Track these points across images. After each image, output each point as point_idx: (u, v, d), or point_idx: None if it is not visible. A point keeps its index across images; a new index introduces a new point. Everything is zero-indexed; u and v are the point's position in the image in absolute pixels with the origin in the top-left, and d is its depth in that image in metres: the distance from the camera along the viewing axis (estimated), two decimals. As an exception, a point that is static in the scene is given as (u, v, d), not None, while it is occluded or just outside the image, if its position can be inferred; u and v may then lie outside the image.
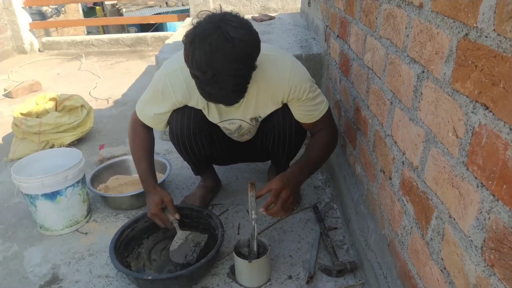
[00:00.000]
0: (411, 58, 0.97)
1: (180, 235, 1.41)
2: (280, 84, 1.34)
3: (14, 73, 3.86)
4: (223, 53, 1.06)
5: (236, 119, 1.46)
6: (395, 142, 1.08)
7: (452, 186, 0.78)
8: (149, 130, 1.54)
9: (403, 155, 1.03)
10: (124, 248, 1.44)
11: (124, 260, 1.41)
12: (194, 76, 1.12)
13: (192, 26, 1.12)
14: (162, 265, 1.44)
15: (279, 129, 1.47)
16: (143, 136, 1.52)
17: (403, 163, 1.03)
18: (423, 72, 0.90)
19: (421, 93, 0.92)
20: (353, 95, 1.52)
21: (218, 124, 1.49)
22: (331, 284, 1.33)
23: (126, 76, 3.67)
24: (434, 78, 0.85)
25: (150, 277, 1.30)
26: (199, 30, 1.08)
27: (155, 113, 1.45)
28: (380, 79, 1.19)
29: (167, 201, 1.45)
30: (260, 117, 1.46)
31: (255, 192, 1.28)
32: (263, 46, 1.20)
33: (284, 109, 1.42)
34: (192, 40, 1.08)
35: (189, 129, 1.46)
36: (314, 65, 2.18)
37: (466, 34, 0.71)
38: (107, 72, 3.83)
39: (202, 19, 1.12)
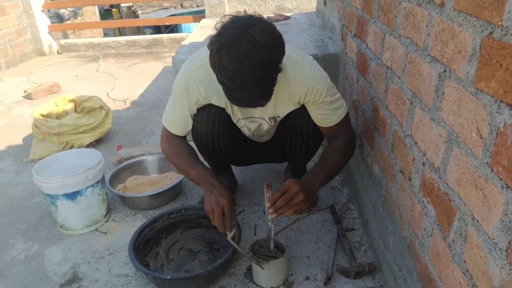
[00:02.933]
0: (432, 57, 0.95)
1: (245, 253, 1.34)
2: (297, 85, 1.34)
3: (34, 75, 3.94)
4: (251, 60, 1.06)
5: (256, 117, 1.46)
6: (415, 143, 1.07)
7: (476, 187, 0.77)
8: (183, 137, 1.51)
9: (423, 155, 1.01)
10: (143, 248, 1.45)
11: (143, 260, 1.42)
12: (221, 82, 1.12)
13: (216, 32, 1.11)
14: (180, 264, 1.45)
15: (296, 129, 1.46)
16: (181, 144, 1.48)
17: (423, 164, 1.02)
18: (445, 71, 0.89)
19: (443, 93, 0.90)
20: (371, 94, 1.50)
21: (240, 120, 1.49)
22: (349, 286, 1.32)
23: (143, 77, 3.71)
24: (457, 77, 0.83)
25: (168, 277, 1.31)
26: (226, 37, 1.07)
27: (183, 117, 1.44)
28: (399, 78, 1.18)
29: (225, 203, 1.31)
30: (278, 116, 1.46)
31: (271, 193, 1.28)
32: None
33: (302, 110, 1.42)
34: (219, 47, 1.07)
35: (213, 129, 1.46)
36: (331, 64, 2.17)
37: (491, 33, 0.70)
38: (124, 74, 3.87)
39: (226, 23, 1.11)
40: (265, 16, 1.29)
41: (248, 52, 1.05)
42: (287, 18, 3.23)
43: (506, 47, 0.65)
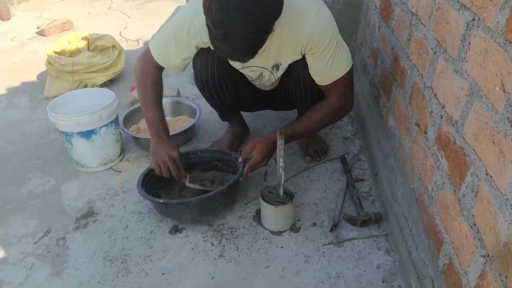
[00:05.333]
0: (461, 4, 0.89)
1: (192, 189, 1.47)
2: (301, 33, 1.25)
3: (46, 11, 3.86)
4: (239, 13, 1.00)
5: (257, 66, 1.41)
6: (435, 95, 1.03)
7: (493, 143, 0.75)
8: (161, 73, 1.45)
9: (442, 108, 0.99)
10: (157, 181, 1.48)
11: (155, 192, 1.47)
12: (207, 26, 1.07)
13: None
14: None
15: (299, 82, 1.42)
16: (155, 78, 1.43)
17: (441, 117, 0.99)
18: (474, 20, 0.84)
19: (469, 43, 0.85)
20: (392, 43, 1.44)
21: (239, 70, 1.45)
22: (354, 233, 1.36)
23: (156, 17, 3.61)
24: (486, 27, 0.79)
25: (162, 201, 1.37)
26: None
27: (175, 53, 1.37)
28: (424, 26, 1.12)
29: (176, 156, 1.40)
30: (280, 64, 1.40)
31: (283, 140, 1.28)
32: None
33: (304, 61, 1.36)
34: None
35: (213, 73, 1.44)
36: (352, 9, 2.07)
37: (530, -23, 0.65)
38: (137, 12, 3.77)
39: None
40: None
41: (239, 4, 0.99)
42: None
43: (546, -6, 0.61)
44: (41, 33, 3.29)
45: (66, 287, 1.22)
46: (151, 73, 1.43)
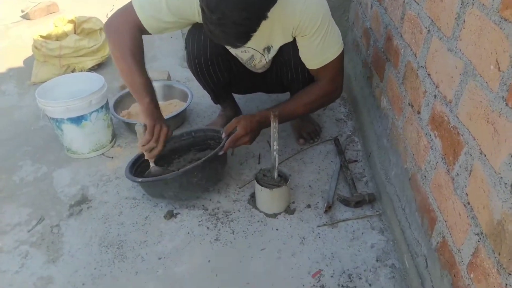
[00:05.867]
0: (456, -19, 0.88)
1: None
2: (291, 14, 1.24)
3: (30, -6, 3.75)
4: (235, 0, 0.98)
5: (249, 47, 1.39)
6: (429, 74, 1.03)
7: (487, 122, 0.75)
8: (141, 34, 1.32)
9: (436, 88, 0.98)
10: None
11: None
12: (201, 9, 1.05)
13: None
14: None
15: (290, 63, 1.41)
16: (137, 38, 1.30)
17: (435, 97, 0.99)
18: (469, -3, 0.82)
19: (464, 21, 0.85)
20: (385, 22, 1.43)
21: (231, 49, 1.43)
22: (348, 214, 1.37)
23: (144, -1, 3.53)
24: (481, 4, 0.78)
25: (140, 180, 1.35)
26: None
27: (164, 14, 1.26)
28: (418, 4, 1.11)
29: (165, 132, 1.34)
30: (272, 46, 1.38)
31: (277, 123, 1.27)
32: None
33: (295, 44, 1.35)
34: None
35: (205, 53, 1.41)
36: (343, -11, 2.04)
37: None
38: (124, -6, 3.68)
39: None
40: None
41: None
42: None
43: (543, -31, 0.60)
44: (25, 16, 3.20)
45: (62, 274, 1.21)
46: (133, 33, 1.29)
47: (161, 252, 1.27)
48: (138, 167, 1.46)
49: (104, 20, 2.81)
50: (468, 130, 0.83)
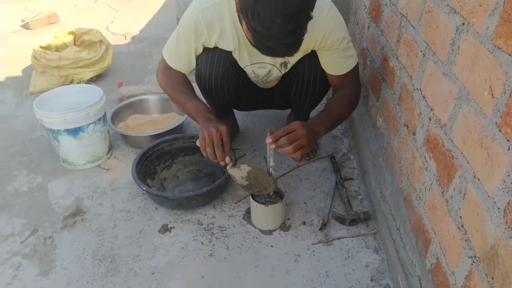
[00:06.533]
0: (451, 8, 0.90)
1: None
2: (314, 29, 1.25)
3: (31, 3, 3.78)
4: (288, 9, 0.98)
5: (266, 63, 1.42)
6: (424, 97, 1.05)
7: (481, 146, 0.77)
8: (183, 73, 1.47)
9: (431, 110, 1.00)
10: (156, 158, 1.62)
11: (153, 168, 1.61)
12: (253, 30, 1.05)
13: None
14: (183, 183, 1.61)
15: (303, 76, 1.43)
16: (181, 78, 1.45)
17: (430, 119, 1.01)
18: (463, 24, 0.85)
19: (459, 47, 0.87)
20: (381, 43, 1.46)
21: (248, 67, 1.45)
22: (343, 232, 1.37)
23: (143, 11, 3.57)
24: (475, 32, 0.80)
25: (144, 188, 1.42)
26: None
27: (187, 54, 1.39)
28: (414, 28, 1.13)
29: (223, 129, 1.26)
30: (289, 62, 1.42)
31: (275, 131, 1.26)
32: None
33: (311, 56, 1.38)
34: None
35: (217, 72, 1.43)
36: (341, 8, 2.08)
37: (520, -14, 0.66)
38: (124, 6, 3.72)
39: None
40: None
41: (285, 2, 0.97)
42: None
43: (535, 3, 0.62)
44: (25, 26, 3.22)
45: (54, 287, 1.20)
46: (175, 76, 1.44)
47: (154, 266, 1.26)
48: (145, 161, 1.56)
49: (104, 32, 2.84)
50: (462, 153, 0.84)
